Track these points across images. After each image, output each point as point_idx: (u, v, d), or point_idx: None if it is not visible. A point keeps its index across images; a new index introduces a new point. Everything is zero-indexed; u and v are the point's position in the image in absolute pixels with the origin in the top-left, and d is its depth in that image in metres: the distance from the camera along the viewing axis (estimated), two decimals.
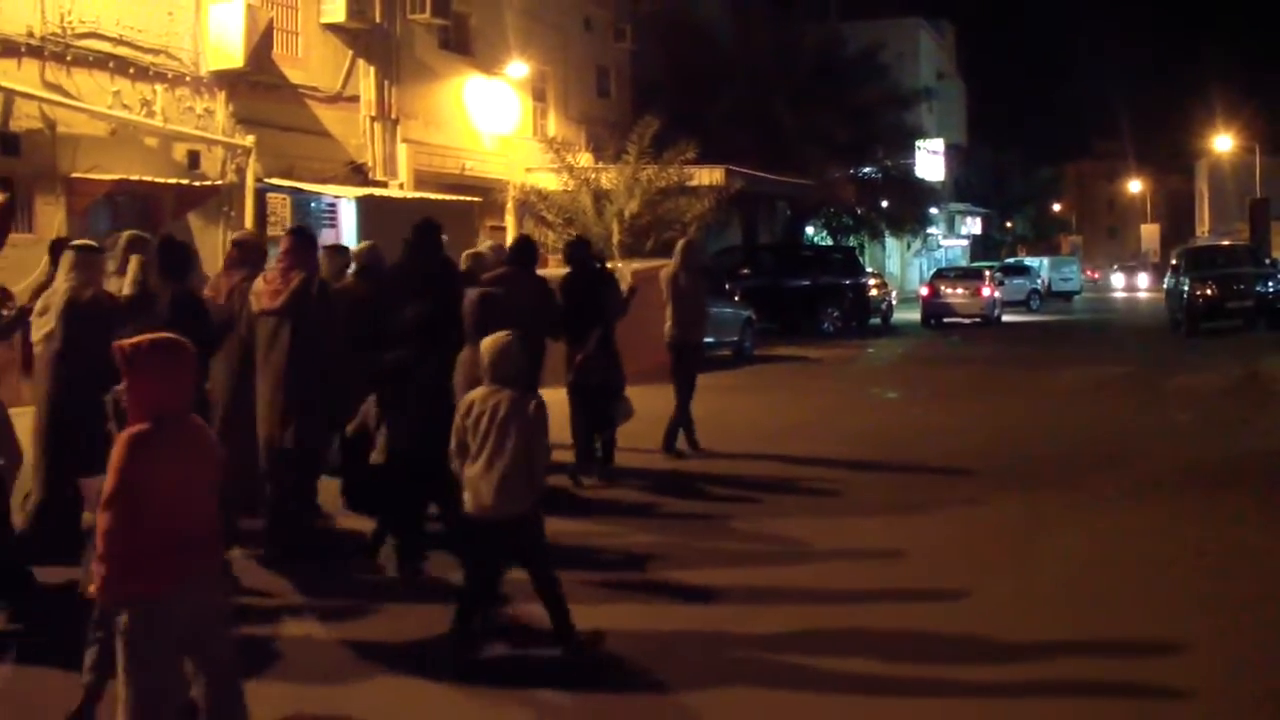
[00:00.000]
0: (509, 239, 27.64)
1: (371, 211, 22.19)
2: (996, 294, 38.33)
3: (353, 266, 9.88)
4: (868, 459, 12.50)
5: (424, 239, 8.90)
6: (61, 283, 7.50)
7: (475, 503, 6.13)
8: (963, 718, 5.77)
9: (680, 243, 13.63)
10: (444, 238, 8.84)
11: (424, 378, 7.80)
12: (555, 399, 8.37)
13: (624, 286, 11.98)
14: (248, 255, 9.03)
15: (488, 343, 6.26)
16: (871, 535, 9.20)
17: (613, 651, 6.39)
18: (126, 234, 8.60)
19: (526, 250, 10.36)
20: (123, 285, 7.75)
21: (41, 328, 7.49)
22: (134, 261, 7.77)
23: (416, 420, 7.76)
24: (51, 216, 17.99)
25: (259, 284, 8.26)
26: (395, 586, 7.67)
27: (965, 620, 7.03)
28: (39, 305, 7.60)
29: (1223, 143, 71.16)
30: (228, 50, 20.36)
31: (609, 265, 14.06)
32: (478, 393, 6.21)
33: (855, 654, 6.43)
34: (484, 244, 13.26)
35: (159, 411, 4.30)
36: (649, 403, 12.27)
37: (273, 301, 8.02)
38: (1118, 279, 71.69)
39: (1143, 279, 71.36)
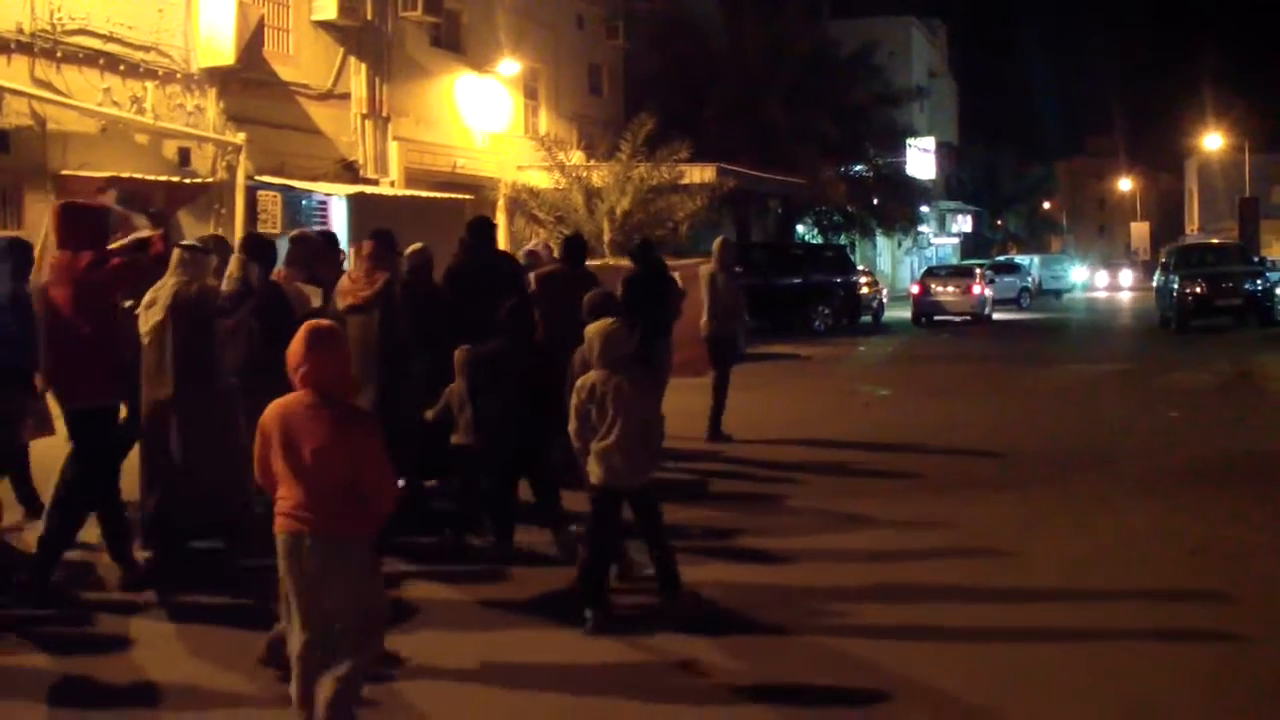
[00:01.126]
0: (501, 237, 27.69)
1: (363, 209, 22.15)
2: (987, 292, 38.37)
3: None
4: (871, 453, 12.69)
5: (484, 236, 9.82)
6: (169, 279, 7.96)
7: (605, 474, 6.79)
8: (1033, 659, 6.53)
9: (718, 242, 14.27)
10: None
11: (522, 364, 8.28)
12: None
13: None
14: (300, 251, 9.64)
15: (595, 329, 6.94)
16: (906, 510, 9.88)
17: (717, 603, 7.34)
18: (210, 234, 9.60)
19: (577, 249, 10.89)
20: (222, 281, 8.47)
21: (149, 320, 7.91)
22: (235, 259, 8.48)
23: (513, 404, 8.17)
24: (41, 214, 17.90)
25: (344, 283, 8.94)
26: (506, 556, 8.36)
27: (1009, 576, 8.00)
28: (146, 298, 8.02)
29: (1212, 141, 71.37)
30: (219, 47, 20.32)
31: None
32: (596, 376, 6.82)
33: (922, 602, 7.47)
34: (535, 241, 13.68)
35: (305, 386, 5.06)
36: (678, 395, 12.48)
37: (358, 299, 8.65)
38: (1100, 277, 71.97)
39: (1126, 276, 71.94)
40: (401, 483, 7.74)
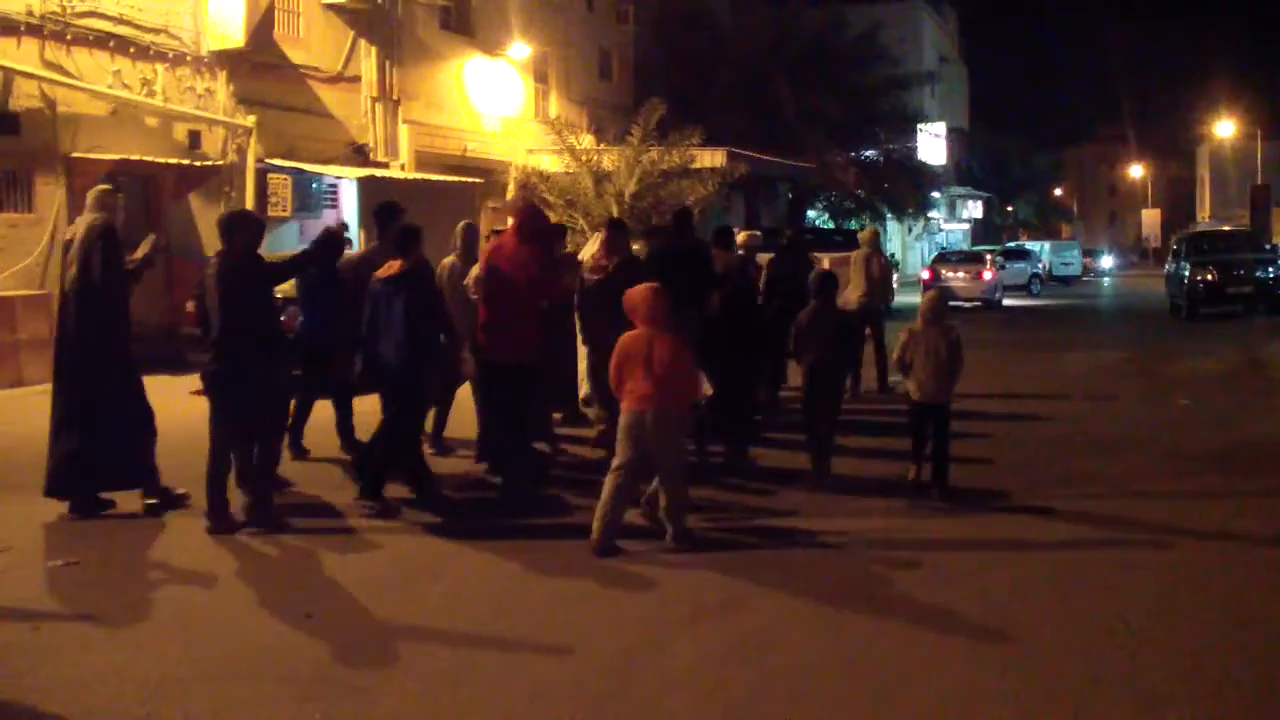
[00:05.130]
0: (509, 220, 27.62)
1: (373, 193, 22.13)
2: (997, 278, 38.26)
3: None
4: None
5: (685, 224, 11.99)
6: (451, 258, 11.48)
7: (922, 394, 9.77)
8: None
9: (869, 230, 17.42)
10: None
11: (740, 327, 11.24)
12: None
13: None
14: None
15: (927, 297, 10.15)
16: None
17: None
18: (464, 223, 11.97)
19: (728, 235, 13.24)
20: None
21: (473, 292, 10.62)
22: (597, 239, 11.86)
23: (733, 357, 10.93)
24: (51, 196, 17.95)
25: (589, 260, 11.73)
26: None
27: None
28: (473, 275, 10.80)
29: (1224, 128, 71.09)
30: (228, 30, 20.34)
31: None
32: (917, 326, 9.79)
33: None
34: (743, 233, 15.01)
35: (639, 323, 8.25)
36: None
37: (601, 272, 11.15)
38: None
39: (1106, 261, 73.25)
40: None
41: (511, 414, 10.01)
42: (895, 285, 30.50)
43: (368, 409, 10.70)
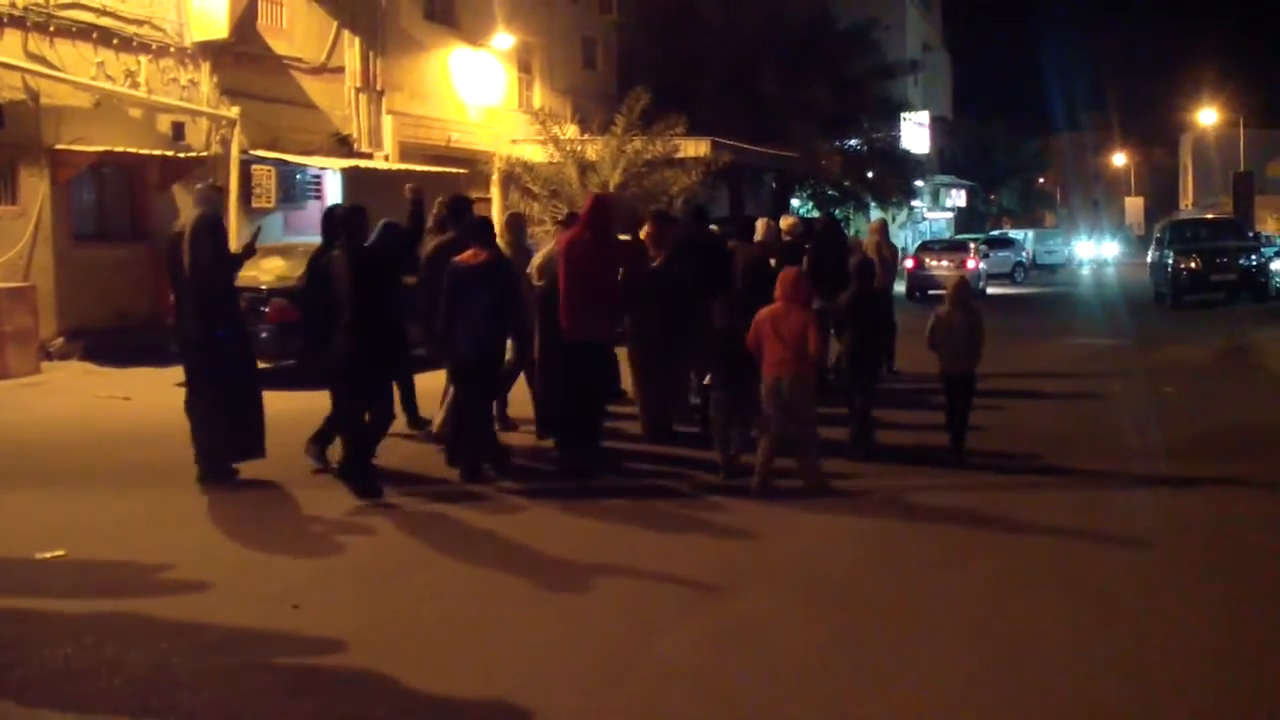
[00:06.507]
0: (495, 211, 27.65)
1: (357, 183, 22.12)
2: (981, 266, 38.30)
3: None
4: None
5: (699, 218, 13.41)
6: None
7: (947, 365, 10.96)
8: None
9: (878, 220, 18.98)
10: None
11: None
12: None
13: None
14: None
15: (952, 280, 11.55)
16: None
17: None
18: (511, 214, 12.80)
19: (749, 226, 14.35)
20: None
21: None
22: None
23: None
24: (35, 188, 17.90)
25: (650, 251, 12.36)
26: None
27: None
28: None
29: (1207, 116, 71.20)
30: (211, 21, 20.27)
31: None
32: (945, 309, 11.03)
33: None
34: (786, 220, 15.77)
35: (783, 300, 9.58)
36: None
37: (657, 262, 12.04)
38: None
39: (1110, 248, 73.20)
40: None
41: (590, 389, 10.97)
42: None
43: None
